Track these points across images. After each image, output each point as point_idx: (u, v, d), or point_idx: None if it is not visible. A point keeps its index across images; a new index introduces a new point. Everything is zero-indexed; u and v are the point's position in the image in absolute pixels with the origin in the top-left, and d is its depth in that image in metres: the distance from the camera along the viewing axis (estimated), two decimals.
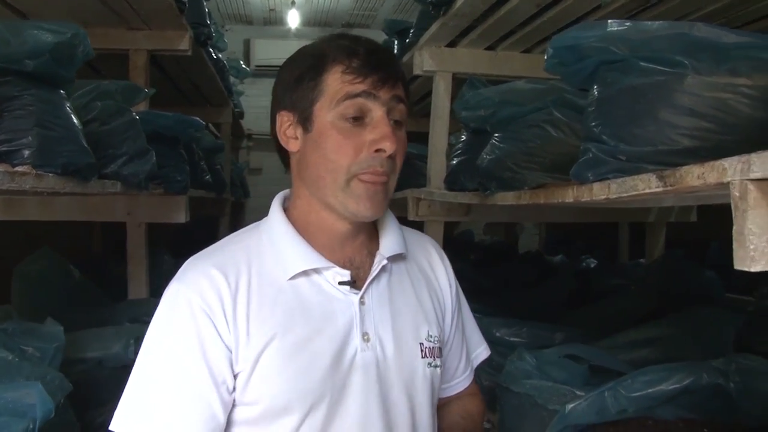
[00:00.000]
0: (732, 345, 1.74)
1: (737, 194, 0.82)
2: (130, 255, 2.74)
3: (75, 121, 1.63)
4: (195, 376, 0.94)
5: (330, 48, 1.02)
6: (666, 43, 1.10)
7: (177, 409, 0.94)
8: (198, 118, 2.48)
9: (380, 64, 1.00)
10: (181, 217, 2.61)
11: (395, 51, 3.45)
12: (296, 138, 1.04)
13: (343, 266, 1.03)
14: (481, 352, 1.24)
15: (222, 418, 0.96)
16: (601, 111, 1.23)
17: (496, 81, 2.74)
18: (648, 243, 3.34)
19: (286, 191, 1.12)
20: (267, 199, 1.16)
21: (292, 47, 1.15)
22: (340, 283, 1.02)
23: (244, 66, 4.11)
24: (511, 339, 2.13)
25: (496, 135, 1.87)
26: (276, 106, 1.06)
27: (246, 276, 0.99)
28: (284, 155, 1.09)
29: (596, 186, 1.20)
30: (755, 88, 1.03)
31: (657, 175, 1.01)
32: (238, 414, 0.98)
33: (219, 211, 4.93)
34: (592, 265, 3.92)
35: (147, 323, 1.00)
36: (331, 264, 1.02)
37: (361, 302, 1.02)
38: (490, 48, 2.88)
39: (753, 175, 0.80)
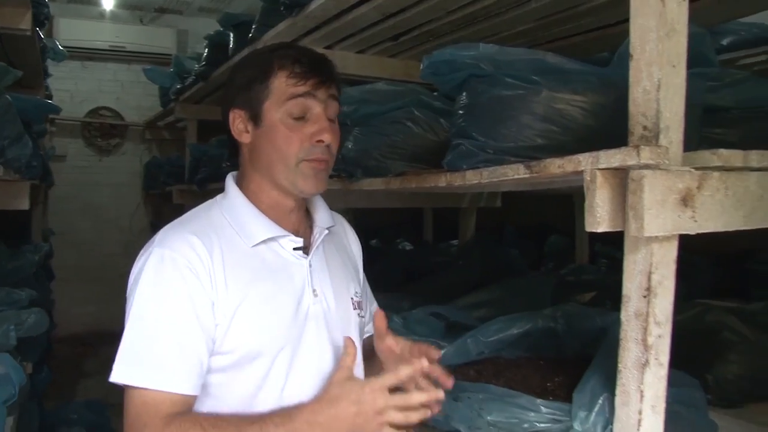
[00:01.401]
0: (549, 302, 2.20)
1: (588, 179, 1.17)
2: None
3: None
4: (186, 328, 1.11)
5: (277, 56, 1.24)
6: (525, 65, 1.45)
7: (170, 358, 1.10)
8: (53, 102, 2.43)
9: (318, 69, 1.24)
10: (24, 203, 2.54)
11: (231, 44, 3.57)
12: (247, 132, 1.25)
13: (294, 235, 1.25)
14: (375, 306, 1.53)
15: (205, 361, 1.14)
16: (471, 114, 1.55)
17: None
18: (461, 226, 3.81)
19: (234, 174, 1.31)
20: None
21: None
22: (294, 249, 1.24)
23: (61, 47, 3.92)
24: None
25: (357, 129, 2.14)
26: (228, 105, 1.27)
27: (217, 243, 1.18)
28: (233, 146, 1.29)
29: (469, 173, 1.52)
30: (588, 103, 1.42)
31: (524, 165, 1.34)
32: (214, 363, 1.15)
33: (34, 199, 4.64)
34: (408, 248, 4.36)
35: None
36: (287, 233, 1.24)
37: (310, 265, 1.26)
38: (328, 47, 3.13)
39: (600, 166, 1.15)
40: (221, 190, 1.33)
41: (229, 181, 1.30)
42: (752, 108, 1.80)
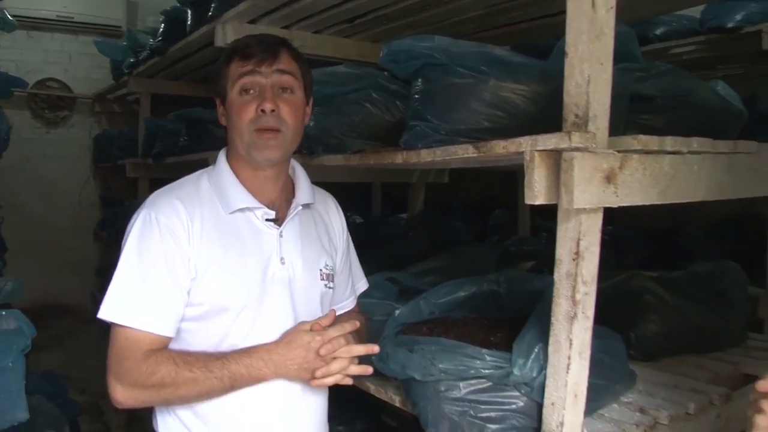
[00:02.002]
0: (494, 270, 2.40)
1: (528, 159, 1.35)
2: None
3: None
4: (163, 280, 1.30)
5: (233, 44, 1.46)
6: (475, 56, 1.62)
7: (150, 303, 1.29)
8: (20, 77, 2.49)
9: (262, 48, 1.41)
10: None
11: (188, 21, 3.63)
12: (223, 115, 1.46)
13: (269, 207, 1.41)
14: (362, 284, 1.73)
15: (181, 310, 1.34)
16: (426, 98, 1.72)
17: None
18: (410, 200, 4.00)
19: (225, 149, 1.50)
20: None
21: None
22: (267, 220, 1.41)
23: (9, 17, 3.89)
24: None
25: (318, 108, 2.28)
26: (213, 93, 1.48)
27: (199, 208, 1.37)
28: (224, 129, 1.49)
29: (423, 152, 1.69)
30: (529, 92, 1.60)
31: (473, 145, 1.52)
32: (187, 312, 1.35)
33: None
34: (359, 221, 4.52)
35: None
36: (261, 205, 1.41)
37: (280, 235, 1.44)
38: (286, 27, 3.24)
39: (538, 148, 1.34)
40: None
41: (220, 155, 1.49)
42: (674, 97, 2.02)
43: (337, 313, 1.61)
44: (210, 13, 3.21)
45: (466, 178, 3.95)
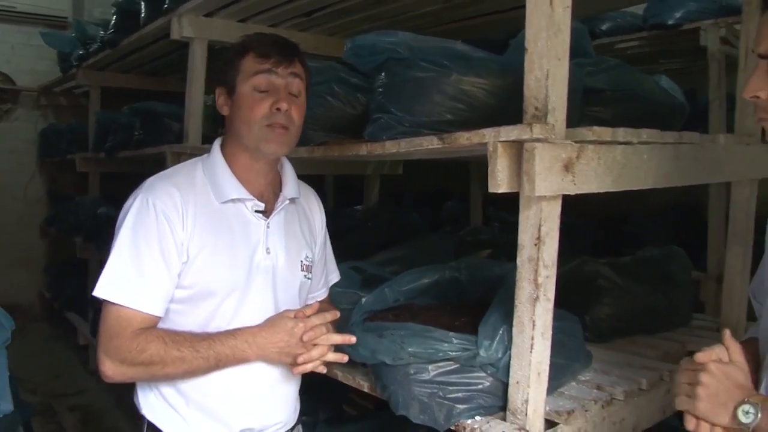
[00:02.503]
0: (452, 258, 2.48)
1: (491, 149, 1.42)
2: None
3: None
4: (158, 260, 1.36)
5: (248, 40, 1.50)
6: (437, 51, 1.68)
7: (142, 284, 1.35)
8: None
9: (280, 50, 1.48)
10: None
11: (142, 14, 3.59)
12: (227, 105, 1.50)
13: (258, 199, 1.46)
14: (335, 276, 1.80)
15: (171, 291, 1.40)
16: (389, 92, 1.77)
17: None
18: (366, 192, 4.05)
19: (219, 139, 1.55)
20: None
21: None
22: (256, 211, 1.50)
23: None
24: None
25: None
26: (214, 84, 1.53)
27: (193, 196, 1.43)
28: (220, 118, 1.54)
29: (388, 143, 1.74)
30: (489, 85, 1.67)
31: (437, 137, 1.58)
32: (176, 294, 1.40)
33: None
34: None
35: None
36: (252, 197, 1.49)
37: (267, 226, 1.51)
38: (242, 20, 3.25)
39: (501, 139, 1.41)
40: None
41: (215, 145, 1.54)
42: (622, 90, 2.12)
43: (314, 301, 1.68)
44: (165, 6, 3.19)
45: (419, 170, 4.02)
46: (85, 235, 4.86)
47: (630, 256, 2.50)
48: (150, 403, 1.48)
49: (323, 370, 1.48)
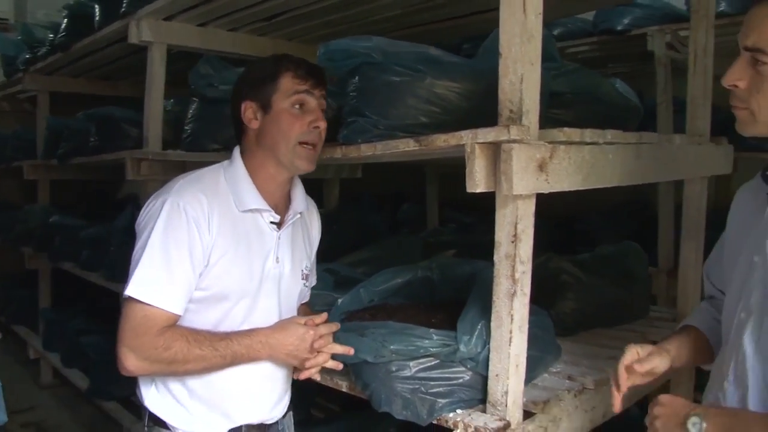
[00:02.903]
0: (420, 259, 2.53)
1: (469, 150, 1.47)
2: None
3: None
4: (184, 265, 1.43)
5: (284, 61, 1.59)
6: (412, 56, 1.73)
7: (170, 285, 1.42)
8: None
9: (316, 74, 1.60)
10: None
11: (96, 16, 3.54)
12: (257, 119, 1.57)
13: (274, 211, 1.57)
14: (314, 280, 1.87)
15: (193, 291, 1.47)
16: (363, 95, 1.80)
17: (205, 53, 3.15)
18: (325, 195, 4.07)
19: (238, 147, 1.62)
20: None
21: None
22: (271, 223, 1.58)
23: None
24: None
25: None
26: (240, 98, 1.58)
27: (217, 203, 1.50)
28: (240, 130, 1.61)
29: (364, 146, 1.77)
30: (462, 89, 1.73)
31: (414, 139, 1.62)
32: (194, 294, 1.48)
33: None
34: None
35: None
36: (270, 208, 1.56)
37: (279, 237, 1.59)
38: (202, 24, 3.23)
39: (478, 140, 1.46)
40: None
41: (236, 154, 1.61)
42: (582, 93, 2.20)
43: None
44: (123, 9, 3.15)
45: (376, 173, 4.07)
46: (35, 245, 4.72)
47: (589, 252, 2.60)
48: (153, 395, 1.56)
49: (318, 377, 1.62)
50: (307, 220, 1.76)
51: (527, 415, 1.60)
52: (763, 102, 1.13)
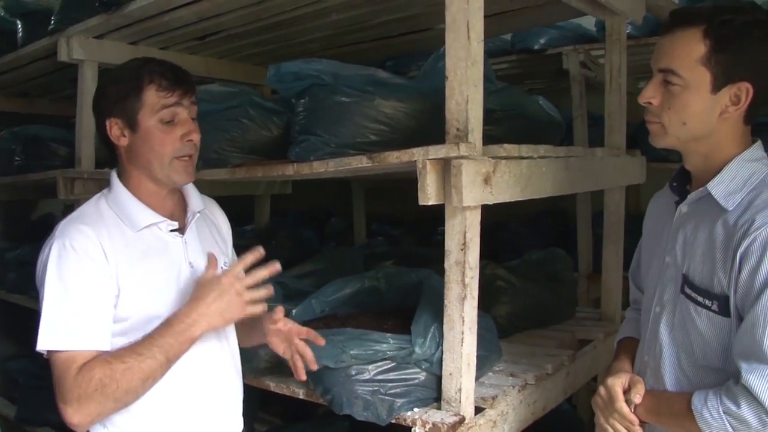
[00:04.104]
0: (362, 270, 2.63)
1: (421, 166, 1.59)
2: None
3: None
4: (90, 296, 1.38)
5: (146, 72, 1.49)
6: (360, 78, 1.84)
7: (81, 323, 1.36)
8: None
9: (182, 81, 1.52)
10: None
11: (19, 33, 3.46)
12: (125, 137, 1.50)
13: (170, 219, 1.53)
14: None
15: (110, 320, 1.40)
16: (314, 115, 1.89)
17: None
18: (257, 211, 4.11)
19: (115, 171, 1.56)
20: None
21: None
22: (171, 231, 1.54)
23: None
24: None
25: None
26: (104, 115, 1.50)
27: (105, 229, 1.44)
28: (111, 147, 1.53)
29: (316, 163, 1.86)
30: (408, 108, 1.85)
31: (367, 156, 1.73)
32: (117, 327, 1.42)
33: None
34: None
35: None
36: (164, 218, 1.53)
37: (185, 242, 1.56)
38: (133, 43, 3.23)
39: (430, 157, 1.58)
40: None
41: (114, 178, 1.54)
42: (510, 110, 2.37)
43: None
44: (51, 27, 3.11)
45: (303, 189, 4.14)
46: None
47: (519, 259, 2.78)
48: None
49: (264, 308, 1.53)
50: (210, 216, 1.72)
51: (478, 410, 1.72)
52: (674, 117, 1.30)
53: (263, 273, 1.49)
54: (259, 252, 1.52)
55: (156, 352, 1.36)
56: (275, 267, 1.52)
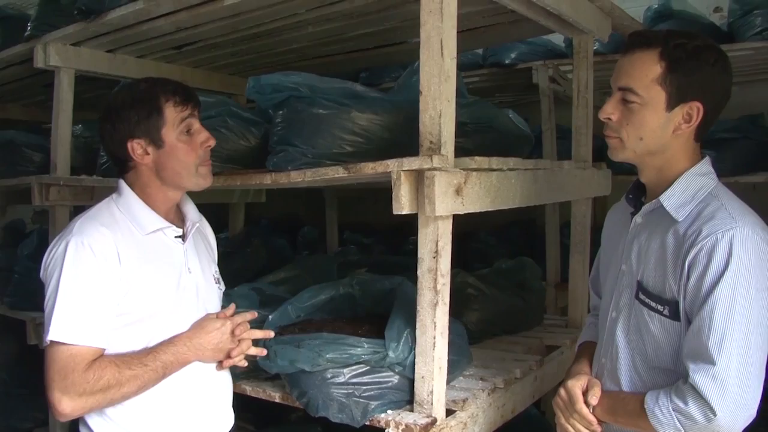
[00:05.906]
0: (335, 277, 2.68)
1: (395, 177, 1.65)
2: None
3: None
4: (101, 297, 1.48)
5: (160, 91, 1.63)
6: (338, 91, 1.90)
7: (91, 321, 1.47)
8: None
9: (191, 95, 1.68)
10: None
11: None
12: (148, 154, 1.62)
13: (175, 226, 1.60)
14: (223, 285, 1.90)
15: (112, 322, 1.51)
16: (291, 126, 1.95)
17: (113, 79, 3.20)
18: (231, 219, 4.14)
19: (122, 179, 1.66)
20: None
21: None
22: (176, 237, 1.61)
23: None
24: None
25: None
26: (125, 138, 1.61)
27: (120, 233, 1.56)
28: (123, 164, 1.65)
29: (293, 173, 1.91)
30: (383, 121, 1.92)
31: (343, 167, 1.79)
32: (117, 321, 1.52)
33: None
34: None
35: None
36: (171, 225, 1.64)
37: (186, 249, 1.63)
38: (110, 51, 3.25)
39: (404, 168, 1.65)
40: None
41: (123, 185, 1.65)
42: (481, 123, 2.45)
43: None
44: (27, 33, 3.13)
45: (276, 198, 4.19)
46: None
47: (489, 267, 2.86)
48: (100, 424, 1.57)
49: (245, 363, 1.72)
50: (202, 228, 1.85)
51: (449, 413, 1.79)
52: (632, 132, 1.39)
53: (258, 333, 1.73)
54: (253, 314, 1.76)
55: (158, 366, 1.53)
56: (269, 333, 1.78)
